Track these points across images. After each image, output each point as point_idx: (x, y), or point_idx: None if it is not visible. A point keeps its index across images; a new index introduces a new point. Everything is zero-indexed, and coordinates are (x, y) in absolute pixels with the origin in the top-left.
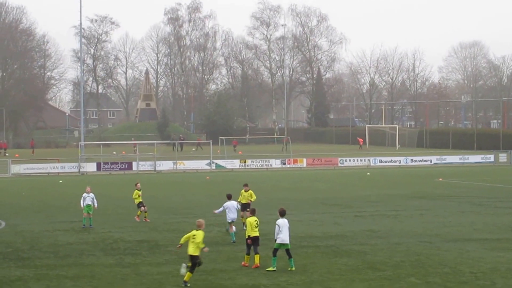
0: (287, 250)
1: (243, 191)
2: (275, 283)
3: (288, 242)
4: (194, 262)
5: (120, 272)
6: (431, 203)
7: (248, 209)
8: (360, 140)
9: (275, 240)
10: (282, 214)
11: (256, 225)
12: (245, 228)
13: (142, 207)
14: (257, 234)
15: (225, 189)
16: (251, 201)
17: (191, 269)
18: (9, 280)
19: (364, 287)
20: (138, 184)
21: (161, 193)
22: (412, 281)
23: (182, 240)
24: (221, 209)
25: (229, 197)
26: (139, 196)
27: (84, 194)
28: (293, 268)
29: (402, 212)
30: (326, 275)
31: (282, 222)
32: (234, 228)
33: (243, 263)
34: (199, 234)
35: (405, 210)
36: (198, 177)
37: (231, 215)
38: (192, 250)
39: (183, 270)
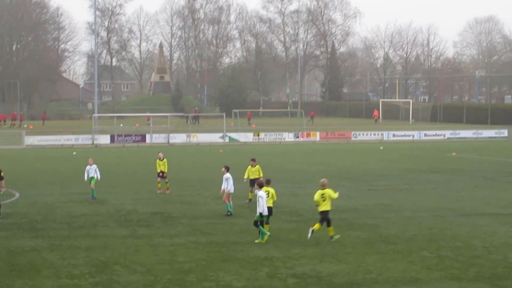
0: (262, 221)
1: (249, 166)
2: (288, 255)
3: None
4: (326, 217)
5: (134, 244)
6: (444, 177)
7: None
8: (376, 113)
9: (260, 213)
10: (262, 186)
11: (267, 196)
12: (246, 201)
13: (158, 178)
14: (270, 205)
15: (238, 162)
16: (260, 176)
17: (328, 224)
18: (23, 250)
19: (377, 260)
20: (159, 153)
21: (174, 166)
22: (424, 254)
23: (318, 205)
24: (225, 184)
25: (228, 169)
26: (158, 165)
27: (87, 167)
28: (264, 240)
29: (415, 186)
30: (338, 248)
31: (264, 194)
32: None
33: None
34: (327, 192)
35: (418, 184)
36: (211, 150)
37: (229, 187)
38: (322, 208)
39: (310, 235)
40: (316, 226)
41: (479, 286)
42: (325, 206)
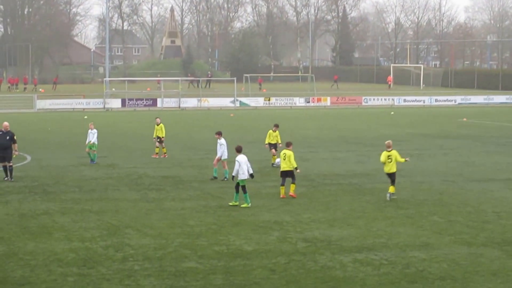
0: (244, 186)
1: (271, 131)
2: (298, 219)
3: (246, 178)
4: (393, 178)
5: (144, 207)
6: (455, 142)
7: (277, 149)
8: (389, 79)
9: (233, 176)
10: (239, 150)
11: (284, 158)
12: (273, 165)
13: (157, 143)
14: (288, 168)
15: (249, 126)
16: (278, 143)
17: (393, 183)
18: (35, 213)
19: (387, 225)
20: (157, 118)
21: (185, 130)
22: (434, 219)
23: (385, 166)
24: (219, 150)
25: (220, 135)
26: (156, 130)
27: (89, 131)
28: (249, 204)
29: (426, 151)
30: (348, 213)
31: (242, 159)
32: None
33: (281, 195)
34: (393, 154)
35: (428, 150)
36: (222, 114)
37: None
38: (388, 169)
39: (388, 197)
40: (391, 188)
41: (489, 251)
42: (391, 168)
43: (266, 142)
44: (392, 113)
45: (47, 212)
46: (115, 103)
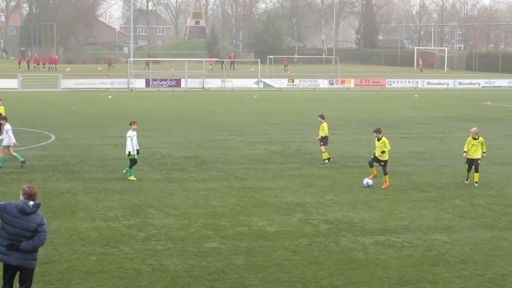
0: (133, 160)
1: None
2: (320, 201)
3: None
4: (476, 163)
5: (167, 187)
6: (478, 126)
7: (324, 143)
8: (421, 62)
9: (129, 153)
10: (131, 124)
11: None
12: (323, 162)
13: None
14: (385, 158)
15: (272, 107)
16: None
17: (476, 170)
18: (58, 192)
19: (409, 207)
20: None
21: (208, 111)
22: (456, 203)
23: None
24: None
25: (6, 119)
26: None
27: None
28: (133, 177)
29: (449, 134)
30: (371, 195)
31: (131, 134)
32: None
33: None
34: (480, 140)
35: (451, 133)
36: (246, 95)
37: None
38: (470, 154)
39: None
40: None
41: (511, 235)
42: (475, 154)
43: (318, 137)
44: (415, 95)
45: (71, 191)
46: (139, 83)
